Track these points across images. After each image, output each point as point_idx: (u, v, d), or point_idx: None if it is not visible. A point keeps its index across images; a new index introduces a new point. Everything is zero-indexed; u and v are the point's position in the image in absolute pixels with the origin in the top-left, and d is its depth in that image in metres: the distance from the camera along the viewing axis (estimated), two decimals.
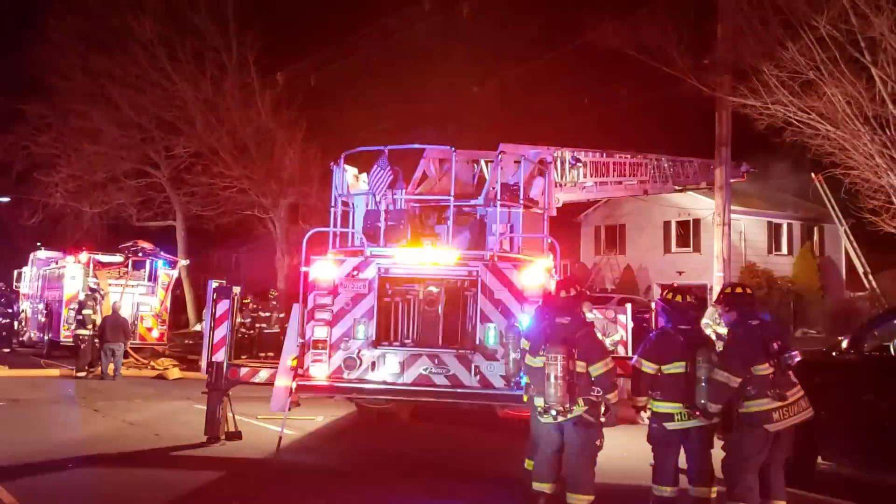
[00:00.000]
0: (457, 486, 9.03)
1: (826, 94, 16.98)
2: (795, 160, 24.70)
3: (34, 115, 32.76)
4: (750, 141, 21.04)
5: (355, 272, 10.18)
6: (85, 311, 19.47)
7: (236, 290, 11.35)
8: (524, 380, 7.75)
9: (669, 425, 7.30)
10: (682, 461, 7.48)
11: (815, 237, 35.77)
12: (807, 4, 16.49)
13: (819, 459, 9.29)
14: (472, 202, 11.14)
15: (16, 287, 28.93)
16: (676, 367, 7.29)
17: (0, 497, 7.78)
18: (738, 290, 7.62)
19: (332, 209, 11.32)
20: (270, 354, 18.61)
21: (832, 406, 8.54)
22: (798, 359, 7.01)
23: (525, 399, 7.85)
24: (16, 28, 46.98)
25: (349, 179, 11.72)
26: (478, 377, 9.83)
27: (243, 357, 13.98)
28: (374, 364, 10.04)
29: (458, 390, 9.86)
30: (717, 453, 7.28)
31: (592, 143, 15.64)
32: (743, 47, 17.97)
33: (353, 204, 11.63)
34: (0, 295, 24.50)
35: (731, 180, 20.17)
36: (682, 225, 34.76)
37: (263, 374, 10.85)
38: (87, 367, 18.63)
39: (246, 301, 24.01)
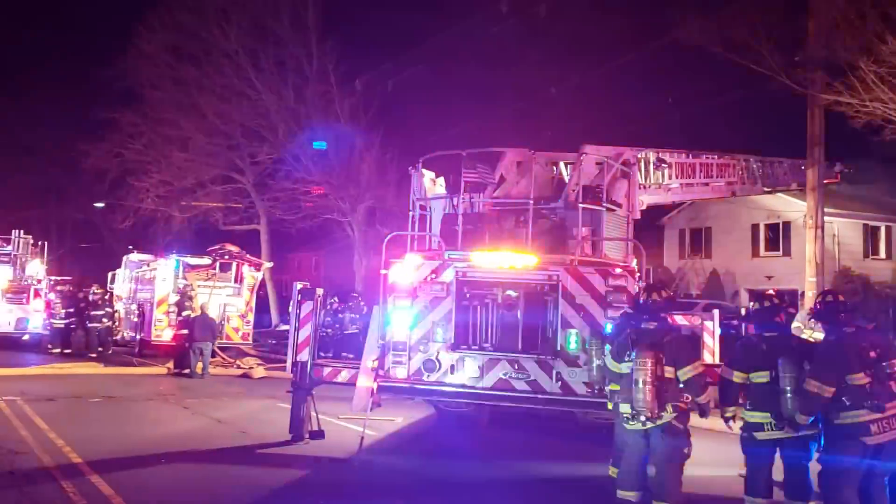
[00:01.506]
0: (538, 492, 8.92)
1: None
2: (894, 160, 23.59)
3: (127, 123, 34.04)
4: (844, 140, 20.21)
5: (433, 275, 10.18)
6: (185, 313, 20.14)
7: (319, 291, 11.51)
8: (610, 386, 7.59)
9: (760, 435, 7.07)
10: (777, 473, 7.20)
11: None
12: None
13: None
14: (552, 205, 11.01)
15: (110, 288, 30.11)
16: (761, 377, 7.09)
17: (99, 489, 8.10)
18: (830, 297, 7.38)
19: (410, 213, 11.37)
20: (350, 356, 18.80)
21: None
22: None
23: (610, 406, 7.70)
24: (110, 40, 48.95)
25: (426, 183, 11.75)
26: (559, 383, 9.70)
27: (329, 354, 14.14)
28: (452, 367, 10.03)
29: (540, 396, 9.74)
30: (816, 466, 6.97)
31: (677, 143, 15.29)
32: (837, 42, 17.24)
33: (430, 207, 11.65)
34: (102, 299, 25.48)
35: (825, 181, 19.42)
36: (772, 228, 33.62)
37: (346, 375, 10.97)
38: (179, 367, 19.20)
39: (332, 301, 24.37)
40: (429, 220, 11.63)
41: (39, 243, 27.57)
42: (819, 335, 7.59)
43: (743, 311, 13.10)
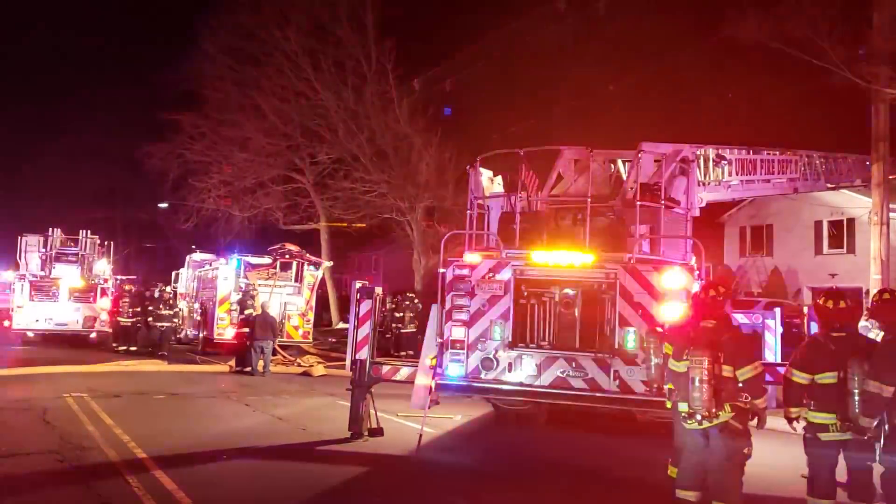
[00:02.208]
0: (596, 491, 8.90)
1: None
2: None
3: (189, 124, 34.81)
4: None
5: (491, 274, 10.24)
6: (247, 311, 20.57)
7: (378, 290, 11.64)
8: (668, 385, 7.55)
9: (824, 436, 6.95)
10: (841, 474, 7.08)
11: None
12: None
13: None
14: (610, 203, 10.97)
15: (173, 287, 30.87)
16: (828, 378, 6.95)
17: (163, 483, 8.34)
18: (887, 295, 7.26)
19: (469, 211, 11.44)
20: (411, 353, 18.97)
21: None
22: None
23: (668, 405, 7.65)
24: (172, 44, 50.23)
25: (484, 182, 11.81)
26: (617, 382, 9.67)
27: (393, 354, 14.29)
28: (510, 365, 10.07)
29: (597, 394, 9.73)
30: (879, 467, 6.84)
31: (738, 140, 15.07)
32: None
33: (488, 206, 11.71)
34: (167, 298, 26.17)
35: (890, 177, 18.87)
36: (835, 224, 32.78)
37: (404, 373, 11.09)
38: (241, 364, 19.60)
39: (396, 300, 24.62)
40: (487, 219, 11.69)
41: (106, 243, 28.33)
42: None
43: (805, 310, 12.81)
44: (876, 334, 8.72)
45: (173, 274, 31.10)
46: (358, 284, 11.56)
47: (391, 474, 9.52)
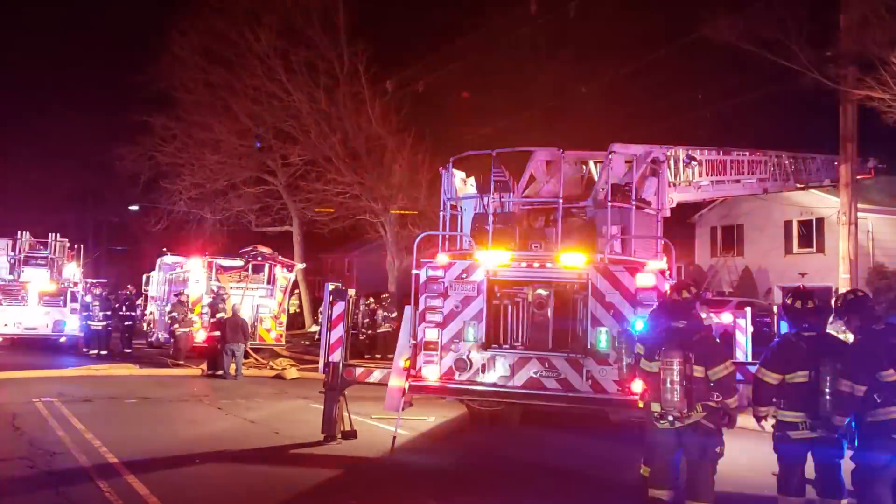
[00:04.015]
0: (570, 491, 8.93)
1: None
2: None
3: (159, 126, 34.43)
4: (878, 135, 19.94)
5: (464, 275, 10.25)
6: (218, 314, 20.39)
7: (351, 292, 11.59)
8: (641, 385, 7.59)
9: (794, 434, 7.03)
10: (811, 471, 7.16)
11: None
12: None
13: None
14: (581, 203, 11.02)
15: (144, 290, 30.54)
16: (799, 377, 7.01)
17: (134, 488, 8.25)
18: (852, 296, 7.37)
19: (441, 213, 11.45)
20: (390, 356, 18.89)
21: None
22: None
23: (641, 405, 7.70)
24: (142, 45, 49.74)
25: (457, 184, 11.82)
26: (590, 381, 9.72)
27: (366, 357, 14.23)
28: (484, 366, 10.09)
29: (570, 394, 9.76)
30: (849, 464, 6.92)
31: (708, 141, 15.21)
32: (868, 37, 17.05)
33: (461, 208, 11.71)
34: (125, 299, 25.89)
35: (858, 177, 19.19)
36: (805, 224, 33.20)
37: (377, 375, 11.06)
38: (213, 368, 19.44)
39: (368, 302, 24.55)
40: (460, 220, 11.70)
41: (76, 246, 27.99)
42: (849, 337, 7.52)
43: (775, 309, 12.96)
44: (846, 337, 8.85)
45: (144, 277, 30.81)
46: (331, 286, 11.51)
47: (365, 476, 9.50)
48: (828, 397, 6.78)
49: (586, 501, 8.64)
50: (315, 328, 29.46)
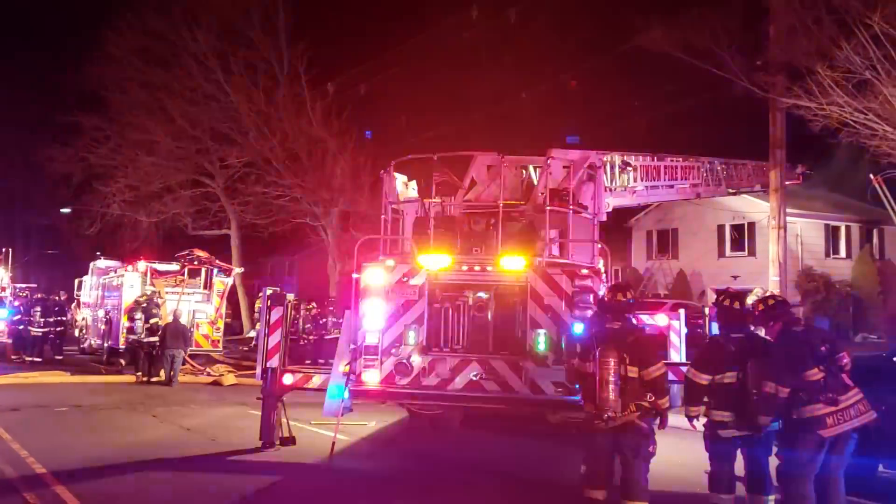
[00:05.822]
0: (508, 492, 9.01)
1: (883, 94, 16.54)
2: (853, 161, 24.07)
3: (92, 127, 33.66)
4: (806, 142, 20.64)
5: (405, 279, 10.24)
6: (153, 320, 19.92)
7: (290, 297, 11.48)
8: (577, 386, 7.70)
9: (724, 432, 7.22)
10: (740, 468, 7.37)
11: (875, 240, 34.76)
12: (860, 2, 16.09)
13: (881, 468, 9.06)
14: (521, 207, 11.13)
15: (76, 295, 29.71)
16: (728, 378, 7.20)
17: (64, 499, 8.02)
18: (771, 301, 7.53)
19: (383, 216, 11.41)
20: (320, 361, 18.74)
21: (893, 412, 8.30)
22: (846, 360, 6.88)
23: (578, 405, 7.81)
24: (74, 44, 48.38)
25: (399, 187, 11.81)
26: (529, 383, 9.80)
27: (307, 362, 14.06)
28: (424, 370, 10.08)
29: (510, 396, 9.84)
30: (776, 460, 7.15)
31: (643, 147, 15.52)
32: (796, 47, 17.62)
33: (402, 211, 11.71)
34: (55, 304, 25.15)
35: (787, 182, 19.80)
36: (737, 228, 34.15)
37: (316, 380, 10.97)
38: (146, 374, 19.03)
39: (310, 308, 24.28)
40: (401, 224, 11.68)
41: (4, 250, 27.16)
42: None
43: (706, 310, 13.29)
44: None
45: (76, 282, 29.98)
46: (268, 291, 11.39)
47: (303, 483, 9.43)
48: (755, 398, 6.97)
49: (523, 501, 8.72)
50: (253, 333, 29.08)
